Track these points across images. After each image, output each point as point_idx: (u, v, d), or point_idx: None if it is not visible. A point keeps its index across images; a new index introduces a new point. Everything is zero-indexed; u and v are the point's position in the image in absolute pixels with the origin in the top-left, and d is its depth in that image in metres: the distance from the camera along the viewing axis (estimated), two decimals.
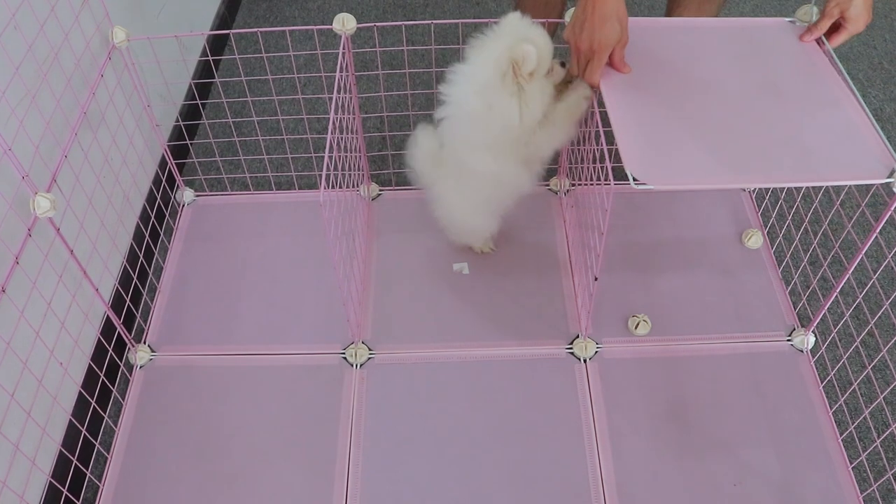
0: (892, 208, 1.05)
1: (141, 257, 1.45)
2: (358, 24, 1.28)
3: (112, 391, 1.31)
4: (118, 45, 1.34)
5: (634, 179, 0.98)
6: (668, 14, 1.65)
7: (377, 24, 1.28)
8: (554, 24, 1.40)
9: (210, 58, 1.57)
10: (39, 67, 1.16)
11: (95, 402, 1.25)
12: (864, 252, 1.13)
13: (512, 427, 1.24)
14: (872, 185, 1.05)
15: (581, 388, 1.28)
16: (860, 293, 1.41)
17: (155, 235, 1.53)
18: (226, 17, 2.08)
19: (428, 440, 1.23)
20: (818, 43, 1.19)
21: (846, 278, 1.19)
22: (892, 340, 1.35)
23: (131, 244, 1.45)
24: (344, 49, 1.27)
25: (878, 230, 1.08)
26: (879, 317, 1.39)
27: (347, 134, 1.34)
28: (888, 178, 1.00)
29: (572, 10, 1.14)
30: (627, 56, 1.15)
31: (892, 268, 1.47)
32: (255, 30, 1.35)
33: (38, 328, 1.11)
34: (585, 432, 1.23)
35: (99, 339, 1.31)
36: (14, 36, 1.10)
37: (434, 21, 1.28)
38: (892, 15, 2.11)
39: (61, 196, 1.18)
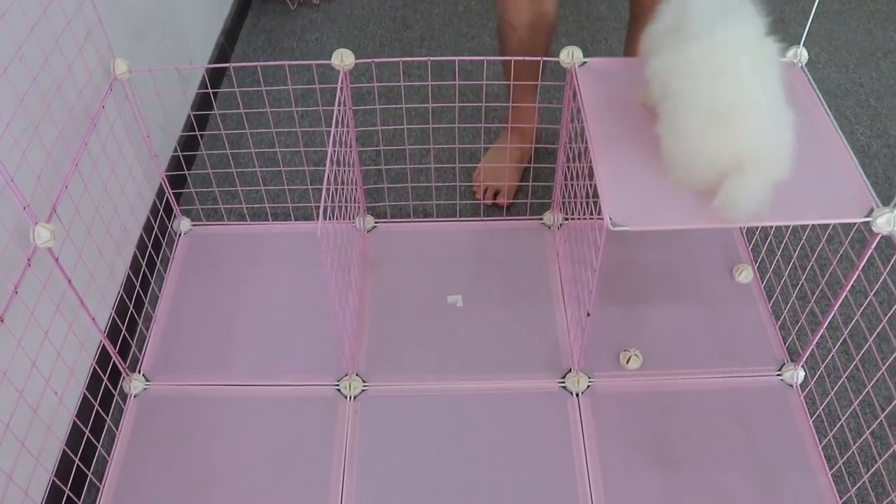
0: (873, 246, 1.07)
1: (137, 286, 1.46)
2: (356, 58, 1.31)
3: (106, 420, 1.32)
4: (119, 77, 1.36)
5: (612, 222, 1.01)
6: (626, 54, 1.71)
7: (375, 59, 1.31)
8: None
9: (210, 90, 1.59)
10: (43, 99, 1.18)
11: (89, 431, 1.26)
12: (848, 289, 1.16)
13: (505, 461, 1.25)
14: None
15: (573, 422, 1.29)
16: (846, 329, 1.43)
17: (151, 264, 1.55)
18: (225, 47, 2.10)
19: (421, 473, 1.24)
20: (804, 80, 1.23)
21: (832, 314, 1.21)
22: (877, 376, 1.37)
23: (128, 273, 1.46)
24: (342, 84, 1.29)
25: (860, 268, 1.10)
26: (865, 352, 1.41)
27: (344, 167, 1.36)
28: (866, 217, 1.03)
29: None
30: (619, 93, 1.18)
31: (874, 305, 1.49)
32: (255, 63, 1.38)
33: (34, 357, 1.12)
34: (577, 466, 1.24)
35: (94, 368, 1.31)
36: (19, 68, 1.12)
37: (431, 58, 1.30)
38: (877, 54, 2.15)
39: (61, 226, 1.19)
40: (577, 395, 1.33)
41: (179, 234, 1.61)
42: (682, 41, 1.03)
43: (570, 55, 1.27)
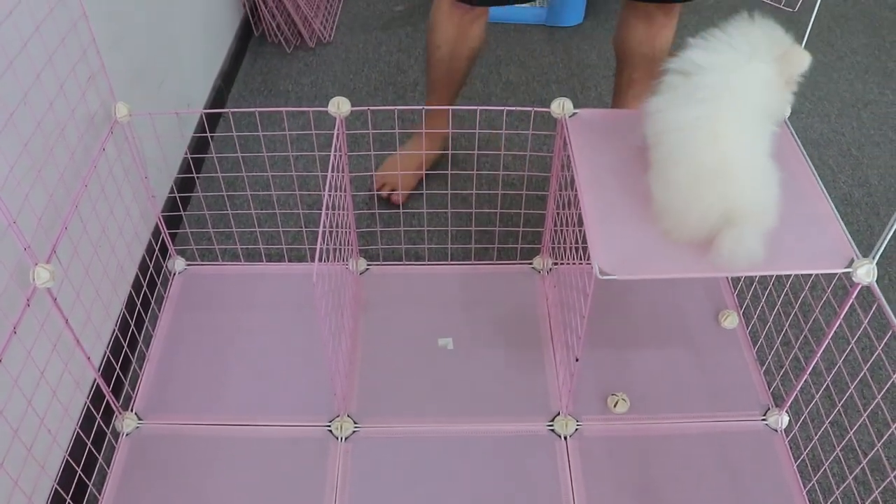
0: (853, 296, 1.10)
1: (132, 325, 1.48)
2: (351, 102, 1.34)
3: (98, 459, 1.33)
4: (120, 120, 1.39)
5: (601, 271, 1.04)
6: (615, 103, 1.77)
7: (370, 107, 1.35)
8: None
9: (208, 134, 1.62)
10: (46, 142, 1.21)
11: (81, 470, 1.26)
12: (830, 336, 1.19)
13: (494, 503, 1.26)
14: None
15: (561, 466, 1.30)
16: (829, 375, 1.46)
17: (146, 303, 1.56)
18: (222, 89, 2.14)
19: None
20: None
21: (815, 361, 1.24)
22: (860, 422, 1.40)
23: (123, 312, 1.47)
24: (338, 131, 1.32)
25: (842, 316, 1.14)
26: (847, 398, 1.44)
27: (338, 210, 1.39)
28: (847, 268, 1.06)
29: None
30: (608, 143, 1.22)
31: (856, 352, 1.53)
32: (253, 109, 1.41)
33: (30, 397, 1.13)
34: None
35: (88, 406, 1.32)
36: (25, 112, 1.14)
37: (425, 107, 1.34)
38: (858, 105, 2.21)
39: (59, 266, 1.21)
40: (566, 438, 1.34)
41: (174, 274, 1.63)
42: (687, 95, 1.07)
43: (560, 106, 1.31)
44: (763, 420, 1.38)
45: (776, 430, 1.36)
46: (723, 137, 1.04)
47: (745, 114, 1.07)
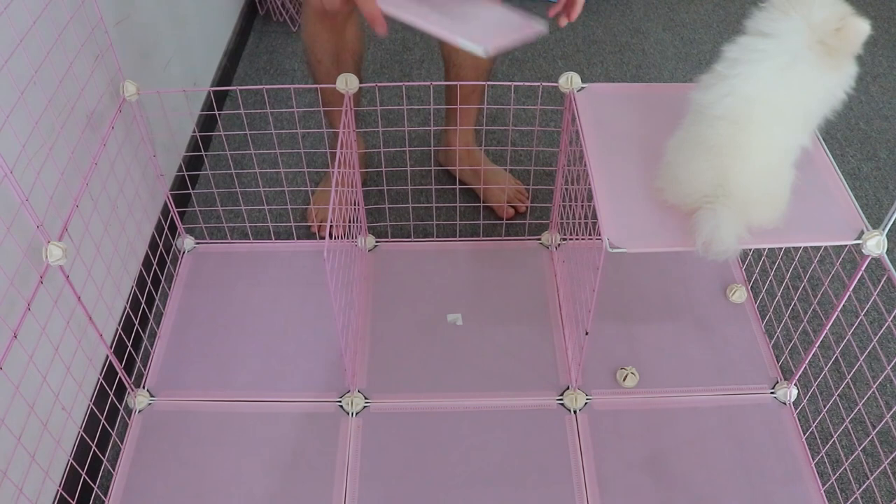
0: (863, 268, 1.11)
1: (143, 303, 1.49)
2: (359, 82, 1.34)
3: (112, 435, 1.34)
4: (128, 99, 1.39)
5: (610, 244, 1.04)
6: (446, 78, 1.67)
7: (378, 84, 1.34)
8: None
9: (216, 112, 1.62)
10: (56, 121, 1.21)
11: (95, 445, 1.28)
12: (839, 309, 1.19)
13: (504, 477, 1.27)
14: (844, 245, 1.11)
15: (571, 439, 1.31)
16: (838, 348, 1.47)
17: (156, 281, 1.57)
18: (227, 69, 2.14)
19: (422, 489, 1.26)
20: None
21: (824, 334, 1.24)
22: (868, 394, 1.40)
23: (133, 290, 1.48)
24: (346, 107, 1.33)
25: (850, 289, 1.14)
26: (856, 371, 1.45)
27: (347, 188, 1.39)
28: (856, 239, 1.06)
29: None
30: (617, 117, 1.21)
31: (865, 325, 1.53)
32: (261, 87, 1.41)
33: (45, 372, 1.14)
34: (575, 483, 1.26)
35: (101, 383, 1.33)
36: (35, 91, 1.15)
37: (432, 83, 1.34)
38: (867, 78, 2.20)
39: (71, 244, 1.22)
40: (575, 412, 1.35)
41: (183, 253, 1.64)
42: (713, 81, 1.04)
43: (568, 81, 1.31)
44: (772, 393, 1.38)
45: (785, 403, 1.37)
46: (722, 120, 1.02)
47: (765, 116, 1.02)
